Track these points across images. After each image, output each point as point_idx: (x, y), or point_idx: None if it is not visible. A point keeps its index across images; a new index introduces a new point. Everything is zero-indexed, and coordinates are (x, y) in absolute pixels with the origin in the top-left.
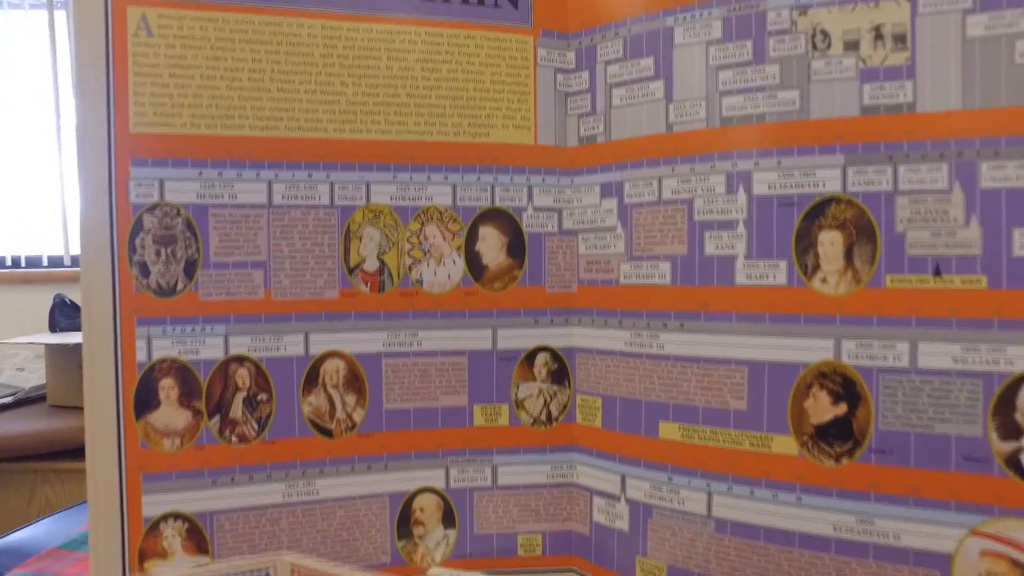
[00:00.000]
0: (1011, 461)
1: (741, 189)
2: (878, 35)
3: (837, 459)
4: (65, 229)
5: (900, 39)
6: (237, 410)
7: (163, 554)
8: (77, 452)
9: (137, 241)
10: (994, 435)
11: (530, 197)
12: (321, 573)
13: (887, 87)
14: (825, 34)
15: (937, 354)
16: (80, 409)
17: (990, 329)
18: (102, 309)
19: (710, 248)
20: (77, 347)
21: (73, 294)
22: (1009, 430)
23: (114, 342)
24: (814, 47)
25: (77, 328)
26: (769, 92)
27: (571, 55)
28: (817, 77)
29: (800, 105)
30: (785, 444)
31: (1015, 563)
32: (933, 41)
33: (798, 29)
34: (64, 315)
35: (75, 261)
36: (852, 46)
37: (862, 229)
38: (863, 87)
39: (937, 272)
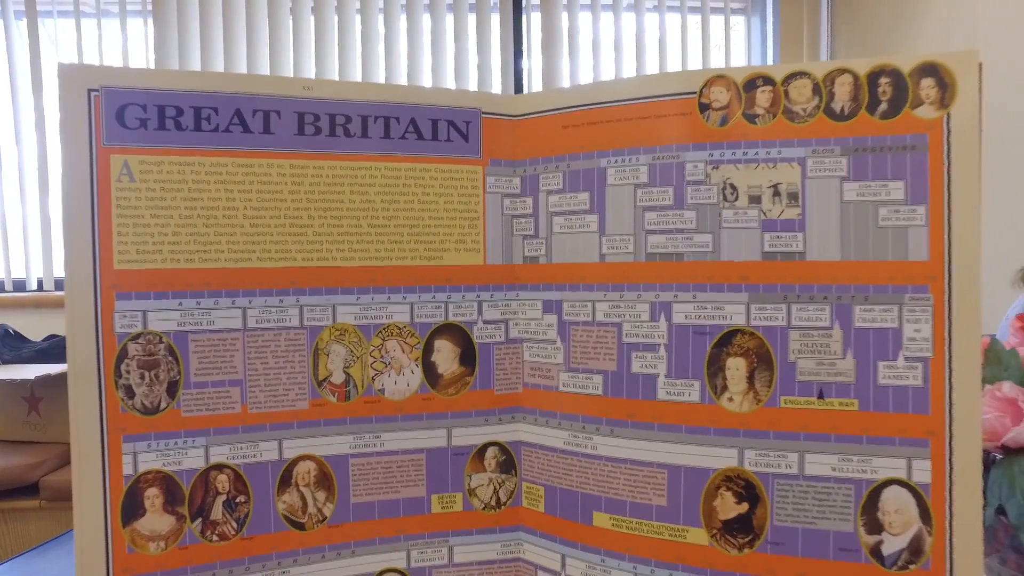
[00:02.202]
0: (874, 551)
1: (663, 317)
2: (776, 192)
3: (740, 549)
4: (6, 249)
5: (793, 197)
6: (217, 512)
7: None
8: (23, 491)
9: (122, 367)
10: (862, 530)
11: (480, 312)
12: None
13: (783, 237)
14: (733, 187)
15: (820, 463)
16: (26, 443)
17: (860, 444)
18: (90, 430)
19: (636, 367)
20: (24, 382)
21: (13, 321)
22: (873, 526)
23: (102, 459)
24: (724, 198)
25: (21, 360)
26: (687, 234)
27: (516, 181)
28: (727, 224)
29: (712, 248)
30: (698, 535)
31: None
32: (819, 201)
33: (711, 181)
34: (7, 347)
35: (17, 285)
36: (755, 199)
37: (762, 357)
38: (764, 235)
39: (820, 396)
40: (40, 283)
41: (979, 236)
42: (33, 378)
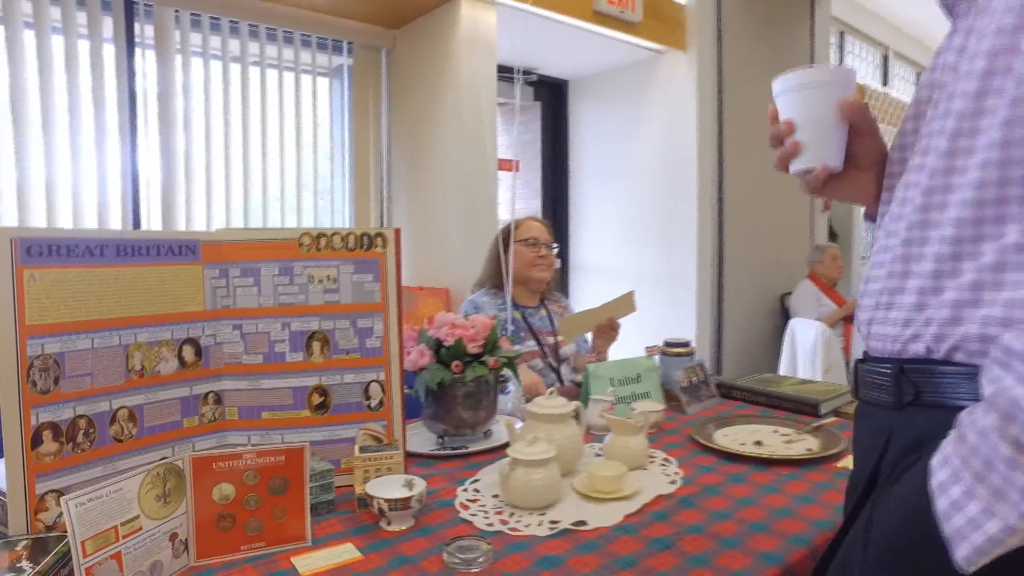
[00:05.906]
0: (370, 406)
1: (287, 328)
2: (328, 278)
3: (322, 414)
4: None
5: (335, 280)
6: (80, 438)
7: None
8: None
9: (31, 371)
10: (364, 398)
11: (203, 331)
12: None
13: (329, 295)
14: (312, 276)
15: (350, 376)
16: None
17: (362, 367)
18: (14, 405)
19: (276, 349)
20: None
21: None
22: (367, 397)
23: (19, 418)
24: (308, 281)
25: None
26: (293, 295)
27: (218, 271)
28: (310, 291)
29: (304, 300)
30: (305, 414)
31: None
32: (344, 282)
33: (304, 273)
34: None
35: None
36: (321, 281)
37: (326, 340)
38: (325, 295)
39: (347, 353)
40: None
41: (397, 288)
42: None
